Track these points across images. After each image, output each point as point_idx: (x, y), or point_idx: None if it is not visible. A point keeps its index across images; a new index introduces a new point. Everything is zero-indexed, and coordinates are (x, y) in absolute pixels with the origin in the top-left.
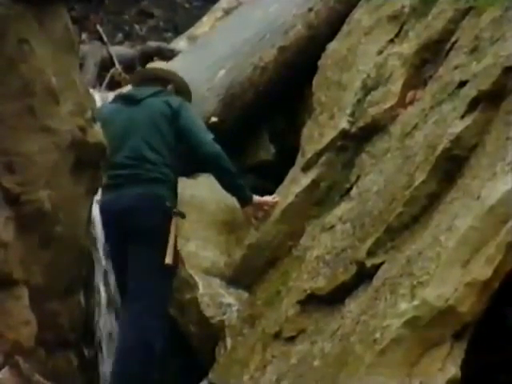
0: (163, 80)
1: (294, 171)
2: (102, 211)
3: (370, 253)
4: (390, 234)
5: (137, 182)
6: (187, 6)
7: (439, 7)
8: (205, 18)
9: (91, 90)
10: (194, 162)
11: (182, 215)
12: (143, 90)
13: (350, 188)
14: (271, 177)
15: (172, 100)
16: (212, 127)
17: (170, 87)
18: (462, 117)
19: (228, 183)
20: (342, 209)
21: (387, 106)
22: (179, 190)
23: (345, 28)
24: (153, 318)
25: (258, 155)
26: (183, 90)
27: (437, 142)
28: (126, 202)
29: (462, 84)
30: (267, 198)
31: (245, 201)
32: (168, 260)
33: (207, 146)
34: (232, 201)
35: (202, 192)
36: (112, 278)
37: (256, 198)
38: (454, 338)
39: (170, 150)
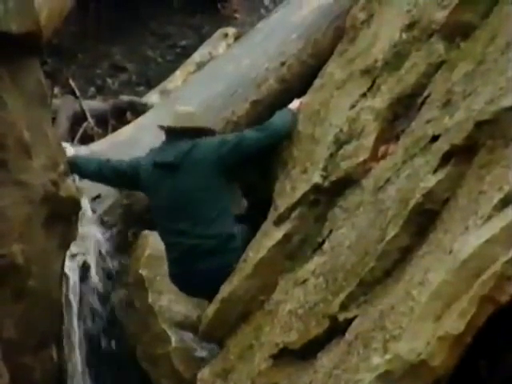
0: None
1: (267, 225)
2: None
3: (343, 307)
4: (363, 288)
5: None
6: (160, 60)
7: (411, 61)
8: (177, 72)
9: (64, 144)
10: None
11: None
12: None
13: (323, 242)
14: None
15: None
16: None
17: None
18: (435, 171)
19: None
20: (315, 263)
21: (360, 160)
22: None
23: (317, 82)
24: None
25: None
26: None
27: (409, 196)
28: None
29: (435, 138)
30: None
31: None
32: None
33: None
34: None
35: None
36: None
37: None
38: None
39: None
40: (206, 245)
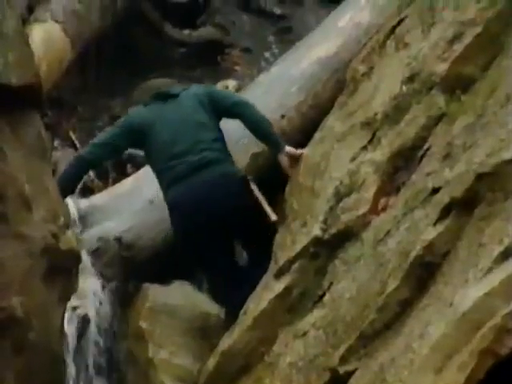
0: None
1: (267, 278)
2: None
3: (343, 360)
4: (363, 340)
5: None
6: None
7: (412, 114)
8: None
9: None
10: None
11: None
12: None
13: (323, 295)
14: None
15: (198, 89)
16: None
17: None
18: (435, 224)
19: (264, 129)
20: (315, 315)
21: (360, 212)
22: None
23: (317, 135)
24: None
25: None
26: None
27: (409, 248)
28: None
29: (435, 191)
30: (294, 150)
31: (279, 148)
32: (273, 217)
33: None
34: (206, 307)
35: (174, 299)
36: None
37: (287, 147)
38: None
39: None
40: (211, 155)
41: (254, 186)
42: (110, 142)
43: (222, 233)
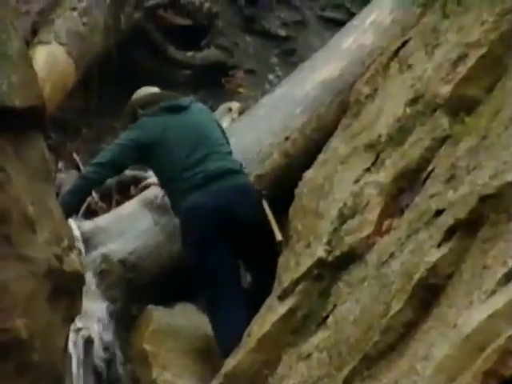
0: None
1: (271, 300)
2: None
3: (347, 382)
4: (367, 362)
5: (232, 175)
6: None
7: (416, 136)
8: None
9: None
10: None
11: None
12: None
13: (327, 316)
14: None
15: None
16: None
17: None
18: (439, 245)
19: None
20: (319, 337)
21: (364, 234)
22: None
23: (321, 157)
24: None
25: None
26: None
27: (413, 270)
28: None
29: (439, 213)
30: None
31: None
32: (279, 237)
33: None
34: (209, 329)
35: (178, 321)
36: None
37: None
38: None
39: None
40: (229, 165)
41: (265, 202)
42: (114, 160)
43: (237, 238)
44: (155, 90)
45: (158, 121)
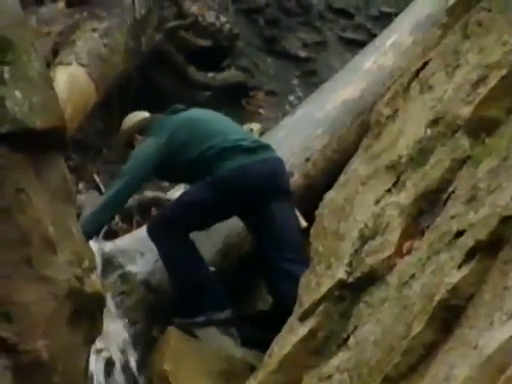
0: None
1: (292, 321)
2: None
3: None
4: (388, 383)
5: (267, 149)
6: None
7: (436, 157)
8: None
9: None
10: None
11: None
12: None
13: (348, 338)
14: (269, 327)
15: None
16: None
17: None
18: (460, 266)
19: None
20: (340, 358)
21: (385, 255)
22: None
23: (342, 178)
24: None
25: (256, 305)
26: None
27: (434, 291)
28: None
29: (460, 234)
30: None
31: None
32: (304, 224)
33: None
34: (230, 350)
35: (198, 342)
36: None
37: None
38: None
39: None
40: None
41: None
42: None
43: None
44: (146, 114)
45: (171, 118)
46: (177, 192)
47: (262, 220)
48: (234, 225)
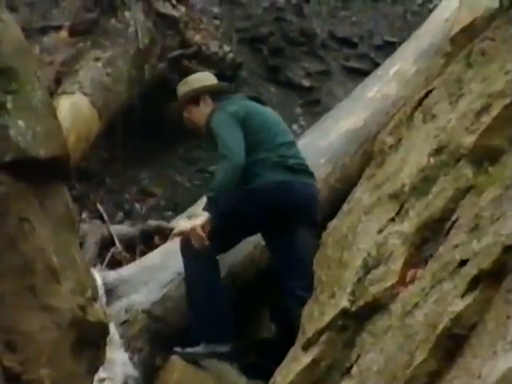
0: None
1: (295, 350)
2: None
3: None
4: None
5: (310, 175)
6: (188, 184)
7: (439, 186)
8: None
9: (92, 269)
10: None
11: None
12: None
13: (351, 367)
14: (272, 355)
15: None
16: None
17: None
18: (463, 295)
19: None
20: None
21: (388, 284)
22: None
23: (345, 206)
24: None
25: (259, 333)
26: None
27: (437, 320)
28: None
29: (463, 263)
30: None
31: None
32: None
33: None
34: (233, 379)
35: (202, 371)
36: None
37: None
38: None
39: None
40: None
41: None
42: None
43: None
44: (214, 77)
45: (242, 103)
46: (180, 221)
47: (285, 242)
48: (237, 253)
